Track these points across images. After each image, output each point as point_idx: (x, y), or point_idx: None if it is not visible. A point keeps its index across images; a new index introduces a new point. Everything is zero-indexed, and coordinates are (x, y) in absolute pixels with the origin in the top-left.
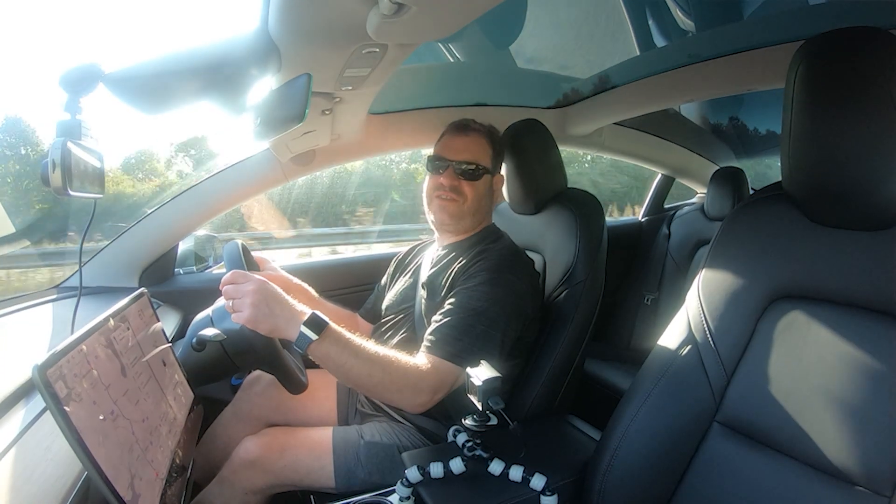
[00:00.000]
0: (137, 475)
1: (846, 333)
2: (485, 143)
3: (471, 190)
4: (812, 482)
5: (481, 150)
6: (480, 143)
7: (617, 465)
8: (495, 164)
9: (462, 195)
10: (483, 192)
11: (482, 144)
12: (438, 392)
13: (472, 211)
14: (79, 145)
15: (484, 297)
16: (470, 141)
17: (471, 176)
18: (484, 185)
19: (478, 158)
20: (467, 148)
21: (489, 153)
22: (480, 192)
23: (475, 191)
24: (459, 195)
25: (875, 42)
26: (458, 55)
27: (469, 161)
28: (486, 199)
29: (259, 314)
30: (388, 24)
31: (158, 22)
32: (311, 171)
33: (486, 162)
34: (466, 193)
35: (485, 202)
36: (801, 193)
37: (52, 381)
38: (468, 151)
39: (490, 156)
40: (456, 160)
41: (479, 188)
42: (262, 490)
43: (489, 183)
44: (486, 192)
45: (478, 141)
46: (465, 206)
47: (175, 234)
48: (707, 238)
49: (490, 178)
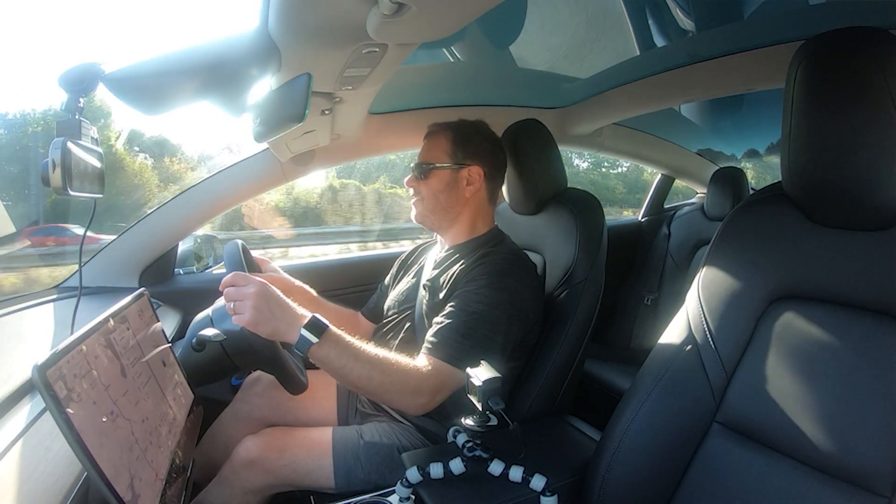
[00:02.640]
0: (137, 475)
1: (846, 334)
2: (442, 140)
3: (425, 188)
4: (812, 482)
5: (437, 147)
6: (437, 142)
7: (617, 466)
8: (460, 156)
9: (420, 195)
10: (438, 188)
11: (439, 142)
12: (438, 394)
13: (431, 208)
14: (79, 145)
15: (486, 300)
16: (429, 143)
17: (422, 174)
18: (438, 181)
19: (430, 157)
20: (425, 150)
21: (447, 148)
22: (435, 187)
23: (428, 187)
24: (418, 195)
25: (875, 42)
26: (458, 55)
27: (422, 161)
28: (445, 193)
29: (260, 317)
30: (388, 23)
31: (158, 22)
32: (311, 170)
33: (441, 158)
34: (422, 192)
35: (445, 197)
36: (801, 193)
37: (52, 381)
38: (425, 153)
39: (448, 151)
40: (415, 164)
41: (432, 184)
42: (261, 490)
43: (448, 177)
44: (443, 186)
45: (435, 140)
46: (425, 205)
47: (175, 235)
48: (707, 238)
49: (450, 171)
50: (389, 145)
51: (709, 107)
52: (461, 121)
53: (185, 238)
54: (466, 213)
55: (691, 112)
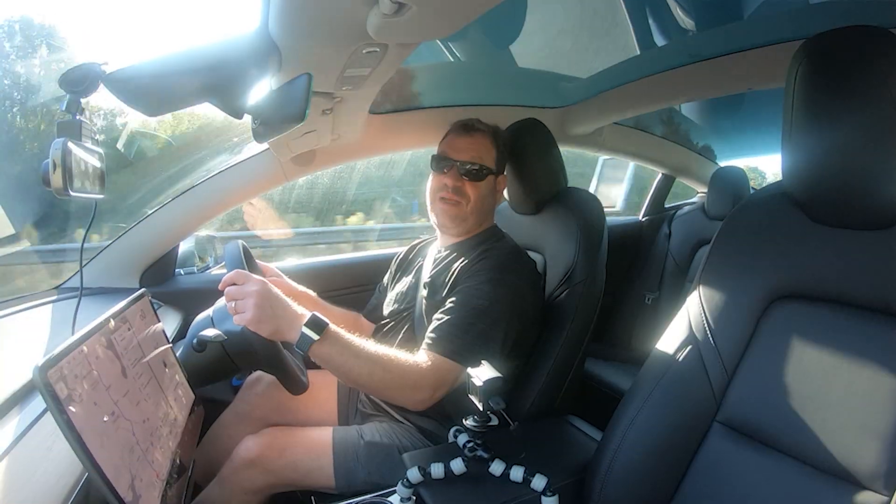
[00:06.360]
0: (138, 476)
1: (847, 333)
2: (489, 144)
3: (474, 191)
4: (813, 482)
5: (485, 150)
6: (485, 144)
7: (618, 466)
8: (499, 164)
9: (465, 196)
10: (485, 193)
11: (486, 145)
12: (439, 389)
13: (473, 212)
14: (79, 145)
15: (486, 296)
16: (474, 141)
17: (474, 176)
18: (487, 186)
19: (481, 159)
20: (471, 148)
21: (493, 154)
22: (483, 192)
23: (478, 191)
24: (462, 196)
25: (875, 42)
26: (458, 55)
27: (473, 161)
28: (488, 199)
29: (261, 315)
30: (389, 23)
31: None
32: (312, 171)
33: (490, 162)
34: (469, 194)
35: (487, 203)
36: (802, 193)
37: (52, 382)
38: (472, 151)
39: (494, 156)
40: (460, 160)
41: (482, 189)
42: (262, 490)
43: (492, 184)
44: (488, 192)
45: (482, 141)
46: (468, 208)
47: (176, 235)
48: (708, 238)
49: (494, 178)
50: (390, 145)
51: (709, 107)
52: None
53: (186, 238)
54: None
55: (691, 112)
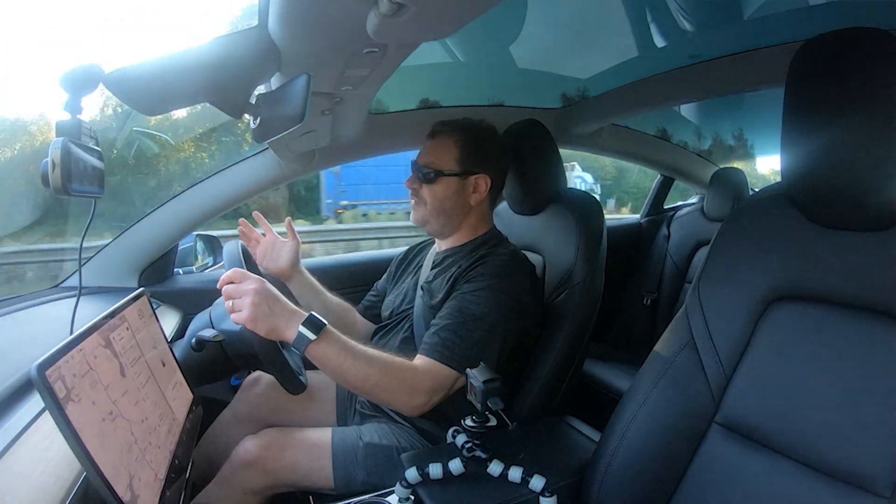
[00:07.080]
0: (136, 476)
1: (846, 334)
2: (450, 144)
3: (428, 193)
4: (811, 483)
5: (444, 151)
6: (444, 145)
7: (616, 467)
8: (468, 164)
9: (421, 199)
10: (445, 196)
11: (446, 146)
12: (435, 395)
13: (434, 213)
14: (79, 145)
15: (484, 302)
16: (433, 144)
17: (426, 179)
18: (444, 188)
19: (436, 162)
20: (429, 151)
21: (455, 154)
22: (440, 195)
23: (433, 194)
24: (419, 199)
25: (875, 42)
26: (458, 55)
27: (426, 165)
28: (451, 200)
29: (258, 313)
30: (388, 23)
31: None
32: (311, 170)
33: (448, 164)
34: (424, 197)
35: (451, 204)
36: (801, 194)
37: (51, 381)
38: (429, 155)
39: (457, 157)
40: (417, 164)
41: (437, 191)
42: (260, 491)
43: (455, 185)
44: (450, 194)
45: (442, 143)
46: (426, 210)
47: (175, 234)
48: (707, 239)
49: (457, 179)
50: (390, 145)
51: (709, 107)
52: (468, 121)
53: (185, 238)
54: (469, 219)
55: (692, 112)
